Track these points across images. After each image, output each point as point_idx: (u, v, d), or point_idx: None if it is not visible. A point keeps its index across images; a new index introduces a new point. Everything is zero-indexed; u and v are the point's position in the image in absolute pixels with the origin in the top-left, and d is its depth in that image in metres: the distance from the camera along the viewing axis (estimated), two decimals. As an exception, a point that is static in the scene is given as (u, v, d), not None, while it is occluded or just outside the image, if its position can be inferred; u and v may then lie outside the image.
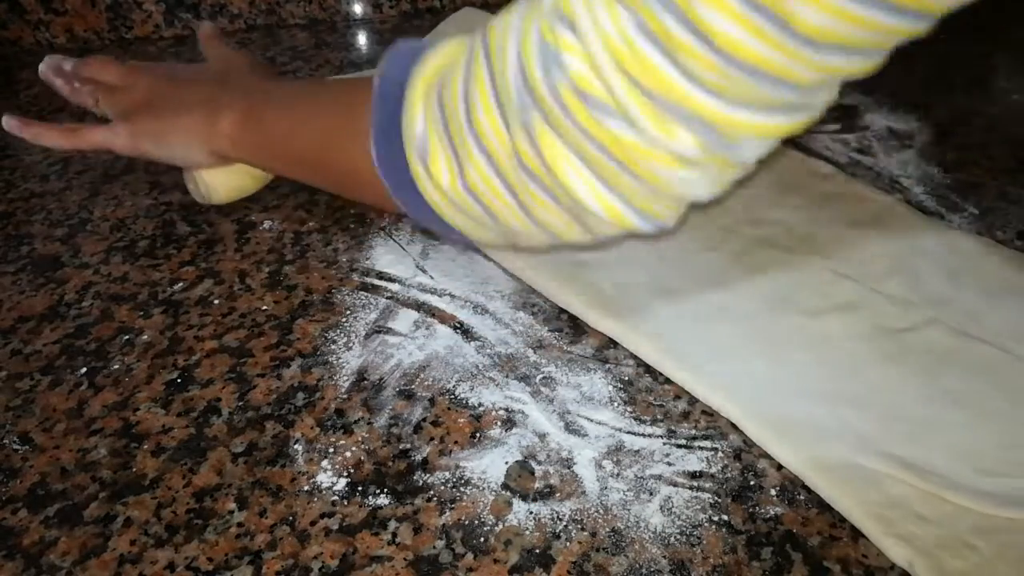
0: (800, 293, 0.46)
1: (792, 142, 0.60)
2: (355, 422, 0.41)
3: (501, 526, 0.36)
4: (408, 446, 0.39)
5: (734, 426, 0.40)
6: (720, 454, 0.39)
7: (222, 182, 0.55)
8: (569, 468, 0.38)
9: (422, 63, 0.38)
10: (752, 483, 0.37)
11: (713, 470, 0.38)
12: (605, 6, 0.29)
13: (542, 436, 0.40)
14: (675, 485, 0.37)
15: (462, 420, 0.41)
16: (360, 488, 0.37)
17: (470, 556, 0.34)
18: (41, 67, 0.56)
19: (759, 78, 0.27)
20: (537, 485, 0.37)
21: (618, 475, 0.38)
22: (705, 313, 0.45)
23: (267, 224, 0.56)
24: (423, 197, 0.39)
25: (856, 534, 0.35)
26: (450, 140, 0.36)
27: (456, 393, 0.42)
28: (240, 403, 0.42)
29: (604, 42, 0.29)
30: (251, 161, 0.51)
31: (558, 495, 0.37)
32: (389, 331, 0.46)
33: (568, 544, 0.35)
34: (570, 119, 0.31)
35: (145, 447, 0.40)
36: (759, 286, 0.47)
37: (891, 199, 0.54)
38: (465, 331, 0.46)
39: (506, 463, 0.38)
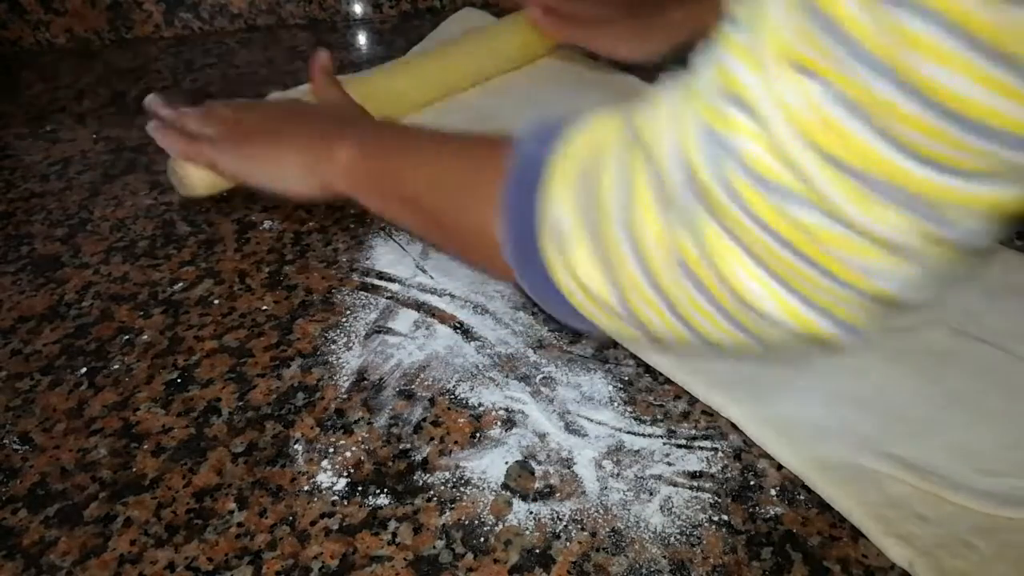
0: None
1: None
2: (355, 422, 0.41)
3: (501, 526, 0.36)
4: (408, 446, 0.39)
5: (734, 426, 0.40)
6: (720, 454, 0.39)
7: (204, 174, 0.53)
8: (569, 468, 0.38)
9: (566, 142, 0.34)
10: (752, 483, 0.37)
11: (713, 470, 0.38)
12: (788, 79, 0.24)
13: (542, 436, 0.40)
14: (675, 485, 0.37)
15: (462, 420, 0.41)
16: (360, 488, 0.37)
17: (470, 556, 0.34)
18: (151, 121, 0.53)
19: (993, 139, 0.23)
20: (537, 485, 0.37)
21: (618, 475, 0.38)
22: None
23: (267, 224, 0.56)
24: (555, 285, 0.35)
25: (856, 534, 0.35)
26: (599, 236, 0.32)
27: (456, 393, 0.42)
28: (240, 403, 0.42)
29: (789, 118, 0.25)
30: (363, 199, 0.47)
31: (558, 495, 0.37)
32: (389, 331, 0.46)
33: (568, 544, 0.35)
34: (745, 212, 0.27)
35: (145, 447, 0.40)
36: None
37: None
38: (465, 331, 0.46)
39: (506, 463, 0.38)
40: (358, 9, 0.90)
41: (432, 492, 0.37)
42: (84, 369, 0.45)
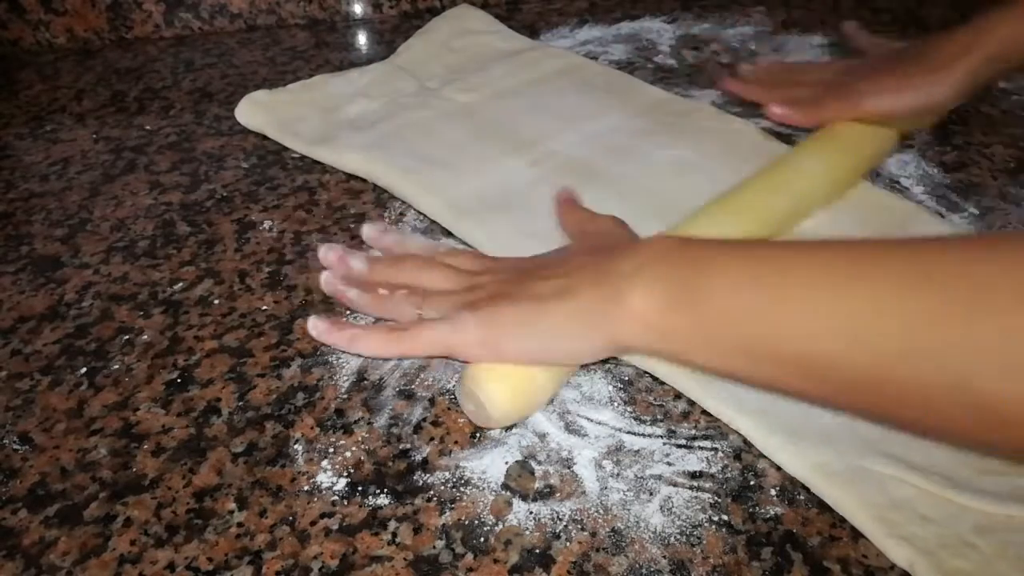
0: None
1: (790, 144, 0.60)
2: (355, 422, 0.41)
3: (501, 526, 0.36)
4: (408, 446, 0.39)
5: (734, 426, 0.40)
6: (720, 454, 0.39)
7: (513, 397, 0.39)
8: (569, 468, 0.38)
9: None
10: (752, 483, 0.37)
11: (713, 470, 0.38)
12: None
13: (542, 436, 0.40)
14: (675, 485, 0.37)
15: (462, 420, 0.41)
16: (360, 488, 0.37)
17: (470, 556, 0.34)
18: (324, 280, 0.45)
19: None
20: (537, 485, 0.37)
21: (618, 475, 0.38)
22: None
23: (267, 224, 0.56)
24: None
25: (856, 534, 0.35)
26: None
27: (456, 393, 0.42)
28: (240, 403, 0.42)
29: None
30: (682, 356, 0.36)
31: (558, 495, 0.37)
32: (389, 331, 0.46)
33: (568, 544, 0.35)
34: None
35: (145, 447, 0.40)
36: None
37: (892, 198, 0.54)
38: (465, 331, 0.46)
39: (506, 463, 0.38)
40: (358, 9, 0.90)
41: (432, 492, 0.37)
42: (84, 369, 0.45)
